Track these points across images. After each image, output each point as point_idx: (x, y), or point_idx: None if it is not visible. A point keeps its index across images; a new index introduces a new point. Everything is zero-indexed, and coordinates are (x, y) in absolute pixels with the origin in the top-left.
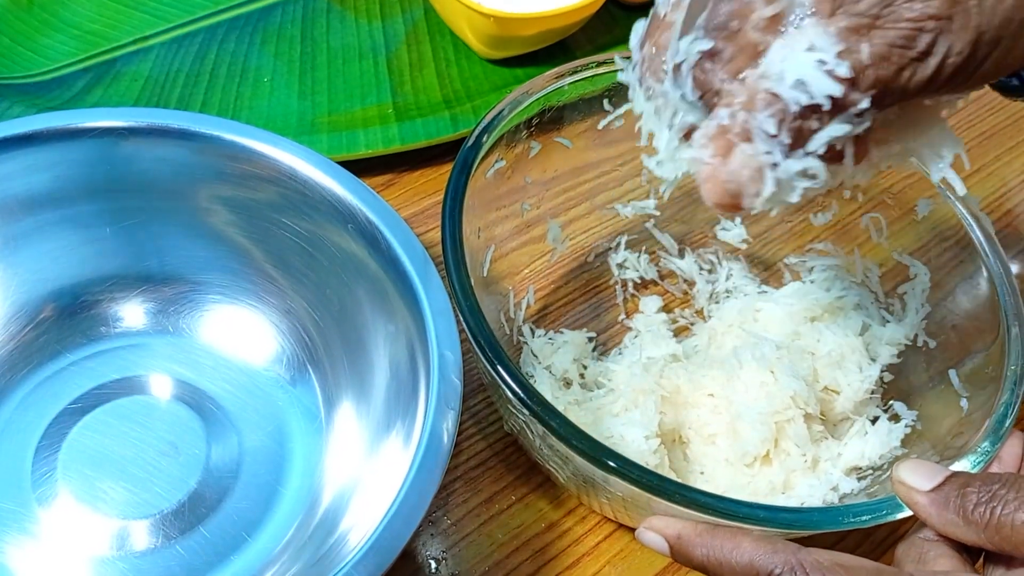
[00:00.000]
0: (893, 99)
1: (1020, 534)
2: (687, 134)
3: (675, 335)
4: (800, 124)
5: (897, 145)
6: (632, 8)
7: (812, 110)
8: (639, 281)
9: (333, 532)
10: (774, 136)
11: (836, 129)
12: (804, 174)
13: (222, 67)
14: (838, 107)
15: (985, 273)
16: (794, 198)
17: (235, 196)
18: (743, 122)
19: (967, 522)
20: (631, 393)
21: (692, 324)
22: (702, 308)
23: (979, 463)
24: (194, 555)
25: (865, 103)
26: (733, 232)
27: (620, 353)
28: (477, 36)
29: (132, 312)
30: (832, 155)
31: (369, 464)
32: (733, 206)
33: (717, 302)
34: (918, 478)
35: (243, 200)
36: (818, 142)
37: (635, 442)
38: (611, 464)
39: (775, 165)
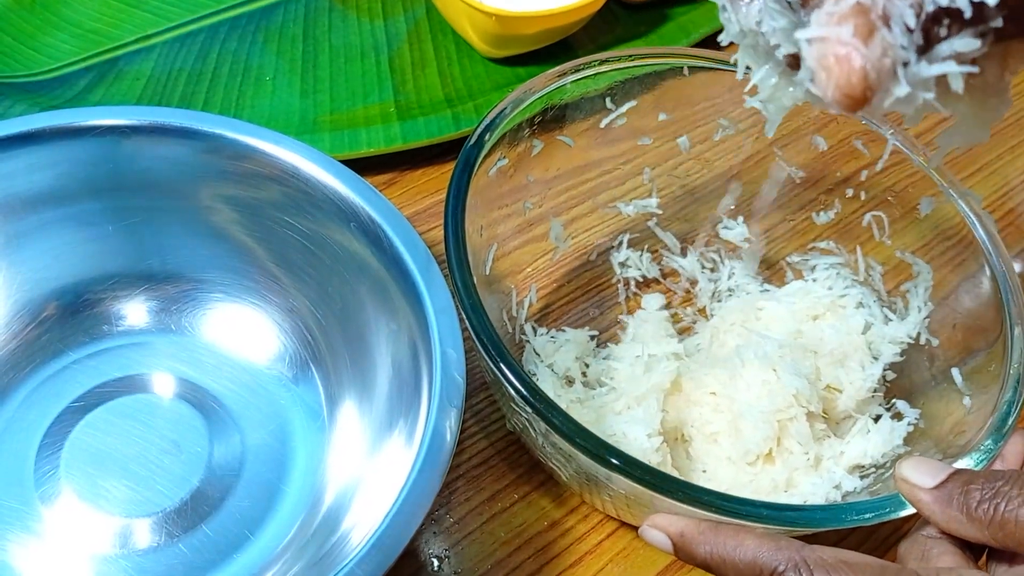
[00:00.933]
0: (1014, 30)
1: (1023, 530)
2: (794, 61)
3: (677, 333)
4: (930, 27)
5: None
6: (634, 7)
7: (946, 14)
8: (641, 280)
9: (335, 530)
10: (911, 31)
11: (963, 43)
12: (929, 85)
13: (224, 66)
14: (974, 19)
15: (988, 272)
16: (910, 108)
17: (237, 195)
18: (884, 5)
19: (970, 519)
20: (633, 391)
21: (694, 322)
22: (704, 306)
23: (982, 461)
24: (196, 553)
25: (998, 22)
26: (735, 231)
27: (620, 349)
28: (479, 35)
29: (134, 310)
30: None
31: (371, 462)
32: (861, 100)
33: (719, 300)
34: (921, 475)
35: (245, 199)
36: (942, 53)
37: (637, 440)
38: (614, 462)
39: (906, 64)
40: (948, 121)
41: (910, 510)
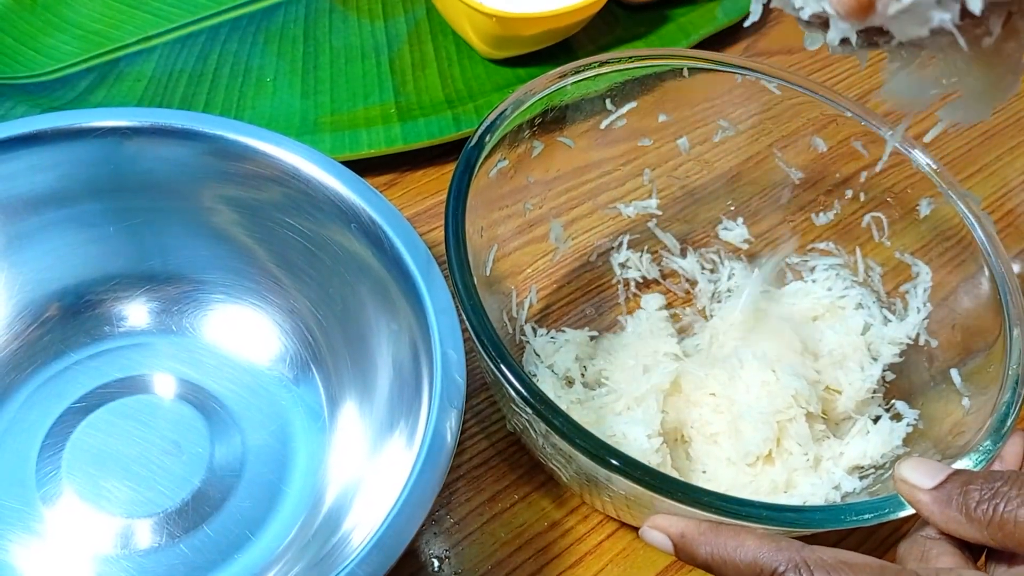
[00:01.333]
0: None
1: (1023, 530)
2: (821, 21)
3: (677, 334)
4: None
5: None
6: (634, 8)
7: None
8: (641, 280)
9: (336, 531)
10: None
11: None
12: (947, 4)
13: (225, 67)
14: None
15: (987, 272)
16: (924, 30)
17: (239, 196)
18: None
19: (970, 519)
20: (633, 392)
21: (694, 323)
22: (704, 307)
23: (981, 462)
24: (198, 554)
25: None
26: (735, 232)
27: (619, 338)
28: (479, 36)
29: (136, 311)
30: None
31: (372, 463)
32: (867, 2)
33: (719, 301)
34: (920, 476)
35: (247, 200)
36: None
37: (637, 441)
38: (614, 463)
39: None
40: (958, 127)
41: (909, 511)
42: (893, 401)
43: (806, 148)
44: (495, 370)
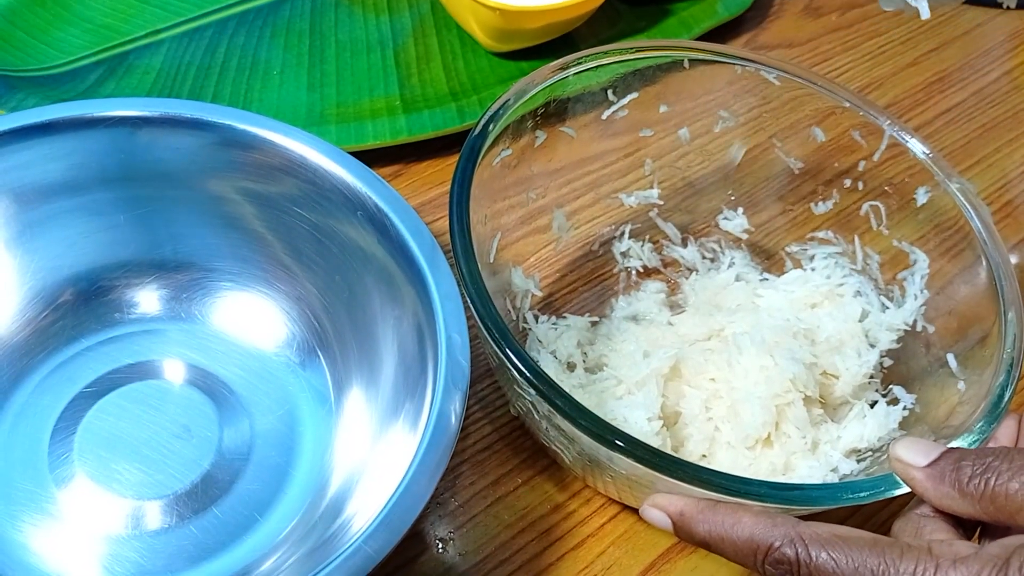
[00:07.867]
0: None
1: (1014, 503)
2: None
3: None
4: None
5: None
6: (635, 3)
7: None
8: (642, 269)
9: (342, 512)
10: None
11: None
12: None
13: (232, 60)
14: None
15: (983, 260)
16: None
17: (247, 185)
18: None
19: (963, 495)
20: (633, 376)
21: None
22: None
23: (975, 442)
24: (207, 535)
25: None
26: (735, 222)
27: (618, 324)
28: (483, 29)
29: (146, 298)
30: None
31: (378, 446)
32: None
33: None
34: (914, 454)
35: (255, 188)
36: None
37: (638, 424)
38: (617, 442)
39: None
40: (949, 114)
41: (904, 489)
42: (890, 386)
43: (806, 139)
44: (499, 353)
